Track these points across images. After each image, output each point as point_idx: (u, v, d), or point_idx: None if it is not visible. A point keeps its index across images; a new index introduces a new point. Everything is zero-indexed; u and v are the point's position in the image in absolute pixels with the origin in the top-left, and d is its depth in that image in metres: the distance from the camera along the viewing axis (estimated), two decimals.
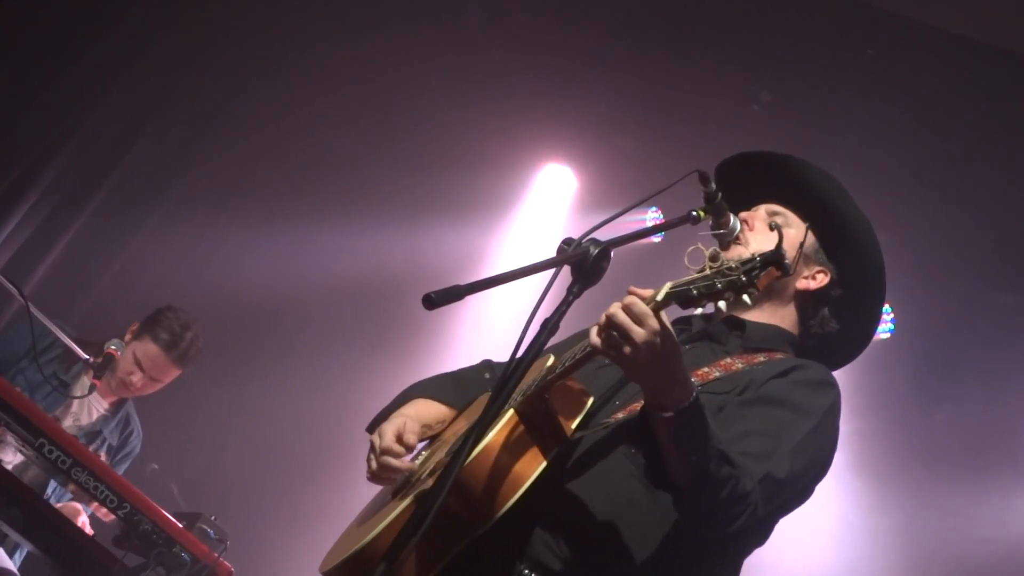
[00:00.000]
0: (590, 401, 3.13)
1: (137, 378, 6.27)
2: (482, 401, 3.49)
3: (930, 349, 8.77)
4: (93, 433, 6.28)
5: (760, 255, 2.72)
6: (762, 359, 3.35)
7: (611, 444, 3.10)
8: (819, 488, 3.34)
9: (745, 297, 2.72)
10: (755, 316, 3.49)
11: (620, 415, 3.11)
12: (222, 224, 9.18)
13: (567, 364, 2.98)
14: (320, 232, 9.13)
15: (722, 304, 2.74)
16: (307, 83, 9.14)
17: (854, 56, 7.88)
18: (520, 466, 2.94)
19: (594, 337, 2.81)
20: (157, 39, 8.30)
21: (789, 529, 3.50)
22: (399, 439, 3.30)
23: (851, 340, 3.71)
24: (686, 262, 2.81)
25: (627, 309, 2.74)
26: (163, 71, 8.47)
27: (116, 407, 6.44)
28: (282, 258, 9.09)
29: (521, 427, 2.98)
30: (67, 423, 6.13)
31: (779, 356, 3.42)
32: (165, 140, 8.76)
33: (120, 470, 6.48)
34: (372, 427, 3.56)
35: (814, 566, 8.64)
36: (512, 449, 2.95)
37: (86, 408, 6.28)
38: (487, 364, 3.81)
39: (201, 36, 8.56)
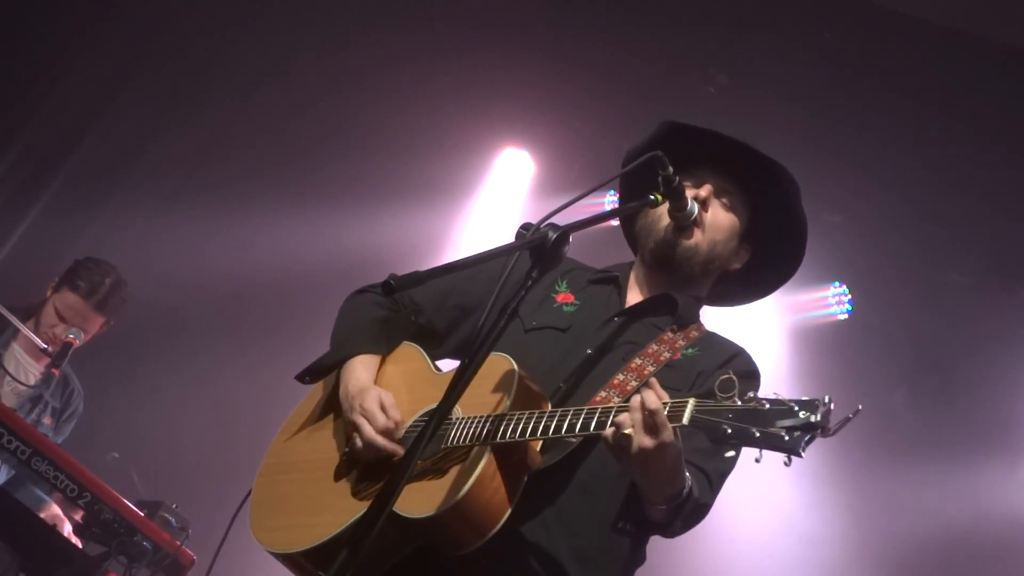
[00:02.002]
0: (548, 408, 3.14)
1: (61, 330, 6.18)
2: (408, 352, 3.56)
3: (887, 330, 8.83)
4: (35, 398, 6.23)
5: (802, 411, 2.63)
6: (693, 335, 3.46)
7: (571, 466, 3.17)
8: (777, 468, 3.42)
9: (784, 458, 2.63)
10: (685, 291, 3.56)
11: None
12: (181, 210, 9.14)
13: (564, 434, 2.97)
14: (278, 218, 9.09)
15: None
16: (264, 69, 9.10)
17: (809, 38, 7.91)
18: (498, 504, 2.98)
19: (608, 433, 2.87)
20: (111, 26, 8.24)
21: (746, 506, 3.57)
22: (387, 416, 3.26)
23: (740, 300, 3.85)
24: (716, 390, 2.74)
25: (650, 416, 2.79)
26: (119, 57, 8.41)
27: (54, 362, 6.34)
28: (240, 244, 9.04)
29: (497, 466, 2.99)
30: (5, 390, 6.06)
31: (701, 330, 3.54)
32: (121, 127, 8.71)
33: (66, 430, 6.45)
34: (303, 376, 3.64)
35: (769, 543, 8.70)
36: (490, 487, 2.97)
37: (21, 374, 6.22)
38: (401, 287, 3.68)
39: (156, 23, 8.50)
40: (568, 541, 3.16)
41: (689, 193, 3.47)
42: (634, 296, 3.59)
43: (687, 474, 2.97)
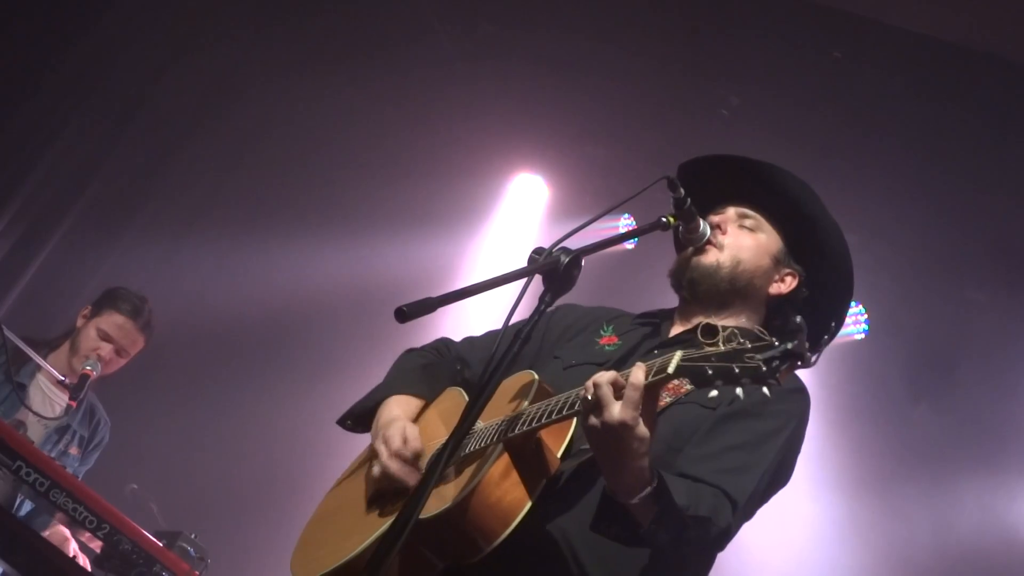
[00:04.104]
0: (575, 422, 3.11)
1: (106, 351, 6.25)
2: (451, 394, 3.56)
3: (905, 348, 8.81)
4: (62, 428, 6.25)
5: (780, 343, 2.65)
6: None
7: (593, 471, 3.10)
8: (796, 488, 3.38)
9: (765, 389, 2.66)
10: (728, 320, 3.49)
11: None
12: (194, 241, 9.18)
13: (566, 412, 2.96)
14: (292, 247, 9.12)
15: (739, 390, 2.67)
16: (275, 99, 9.13)
17: (821, 58, 7.90)
18: (510, 502, 2.97)
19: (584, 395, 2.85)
20: (124, 57, 8.27)
21: (769, 530, 3.52)
22: (404, 443, 3.29)
23: (814, 337, 3.71)
24: (699, 336, 2.75)
25: (614, 383, 2.78)
26: (131, 88, 8.44)
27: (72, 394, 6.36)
28: (255, 275, 9.08)
29: (511, 462, 3.00)
30: (32, 420, 6.08)
31: None
32: (134, 159, 8.74)
33: (91, 460, 6.48)
34: (344, 420, 3.66)
35: (792, 565, 8.66)
36: (503, 485, 2.97)
37: (47, 405, 6.24)
38: (446, 346, 3.82)
39: (169, 55, 8.54)
40: (590, 552, 3.09)
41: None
42: (676, 331, 3.57)
43: (659, 474, 2.87)
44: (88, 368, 6.03)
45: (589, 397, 2.79)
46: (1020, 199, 7.95)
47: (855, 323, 8.78)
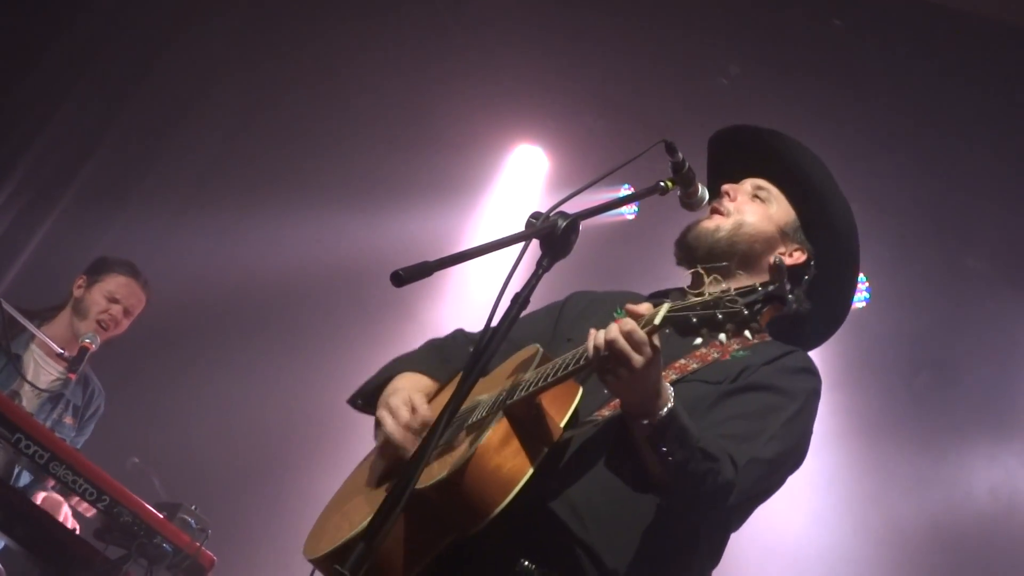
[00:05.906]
0: (580, 393, 3.11)
1: (116, 311, 6.32)
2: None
3: (905, 317, 8.79)
4: (55, 397, 6.25)
5: (763, 287, 2.68)
6: (750, 342, 3.28)
7: (600, 442, 3.10)
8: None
9: (747, 332, 2.69)
10: (728, 284, 3.46)
11: (606, 411, 3.10)
12: (195, 214, 9.18)
13: (560, 373, 2.96)
14: (294, 219, 9.11)
15: (722, 336, 2.72)
16: (276, 70, 9.12)
17: (820, 26, 7.87)
18: (510, 470, 2.94)
19: (591, 350, 2.83)
20: (122, 33, 8.26)
21: (769, 509, 3.49)
22: (412, 411, 3.27)
23: (822, 322, 3.69)
24: (685, 286, 2.78)
25: (628, 336, 2.76)
26: (130, 63, 8.43)
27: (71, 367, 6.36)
28: (256, 246, 9.06)
29: (511, 430, 2.98)
30: (26, 389, 6.08)
31: (763, 338, 3.41)
32: (135, 132, 8.74)
33: (88, 431, 6.49)
34: (355, 399, 3.60)
35: (793, 536, 8.66)
36: (502, 452, 2.94)
37: (41, 374, 6.25)
38: (463, 335, 3.79)
39: (167, 29, 8.52)
40: (596, 523, 3.05)
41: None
42: None
43: (668, 395, 2.88)
44: (87, 341, 6.03)
45: (632, 338, 2.77)
46: (1023, 167, 7.93)
47: (856, 292, 8.78)
